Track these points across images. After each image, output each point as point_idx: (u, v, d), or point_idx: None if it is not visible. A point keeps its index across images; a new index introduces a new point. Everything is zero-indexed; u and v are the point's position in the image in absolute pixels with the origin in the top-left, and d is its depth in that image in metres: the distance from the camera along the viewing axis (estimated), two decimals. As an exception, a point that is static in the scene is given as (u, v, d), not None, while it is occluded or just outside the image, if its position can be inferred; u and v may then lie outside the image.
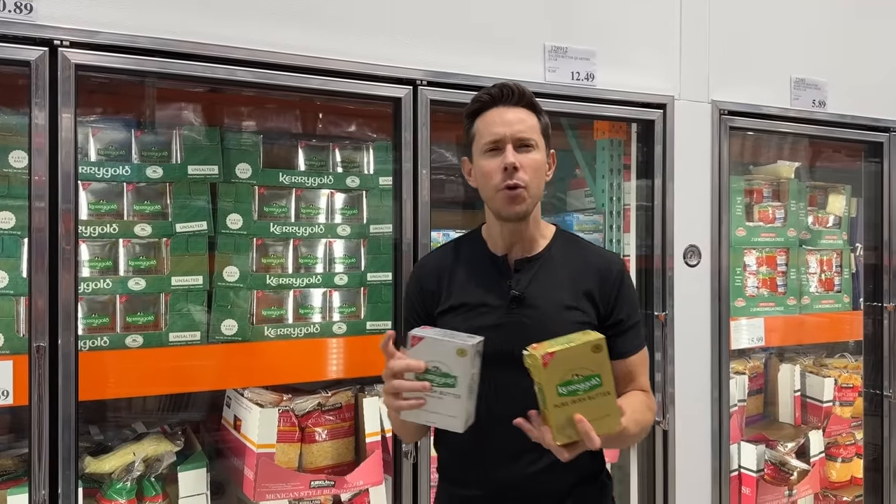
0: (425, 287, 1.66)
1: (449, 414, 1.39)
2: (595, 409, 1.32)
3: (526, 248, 1.61)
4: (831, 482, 3.17)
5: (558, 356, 1.31)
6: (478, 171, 1.58)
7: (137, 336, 1.99)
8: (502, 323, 1.54)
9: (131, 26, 1.81)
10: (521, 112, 1.55)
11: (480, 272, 1.61)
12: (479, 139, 1.57)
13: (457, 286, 1.61)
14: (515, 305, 1.55)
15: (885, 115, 3.01)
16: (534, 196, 1.55)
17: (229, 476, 2.28)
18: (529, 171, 1.53)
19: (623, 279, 1.62)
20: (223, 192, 2.12)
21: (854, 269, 3.23)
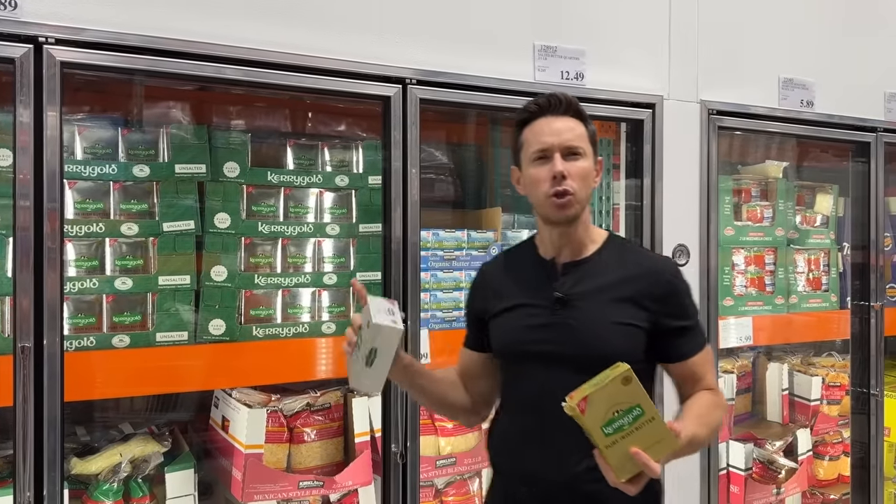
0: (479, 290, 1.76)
1: (352, 368, 1.55)
2: (646, 437, 1.32)
3: (574, 252, 1.64)
4: (819, 480, 3.19)
5: (592, 399, 1.32)
6: (527, 179, 1.62)
7: (124, 336, 1.98)
8: (549, 324, 1.58)
9: (117, 23, 1.79)
10: (568, 121, 1.59)
11: (530, 275, 1.67)
12: (527, 148, 1.61)
13: (507, 290, 1.68)
14: (560, 307, 1.58)
15: (871, 115, 3.03)
16: (581, 202, 1.59)
17: (217, 477, 2.27)
18: (577, 179, 1.56)
19: (674, 284, 1.61)
20: (211, 190, 2.11)
21: (841, 268, 3.24)
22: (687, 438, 1.38)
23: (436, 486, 2.36)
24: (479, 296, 1.75)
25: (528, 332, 1.60)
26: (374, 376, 1.50)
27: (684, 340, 1.61)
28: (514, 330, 1.63)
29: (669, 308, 1.59)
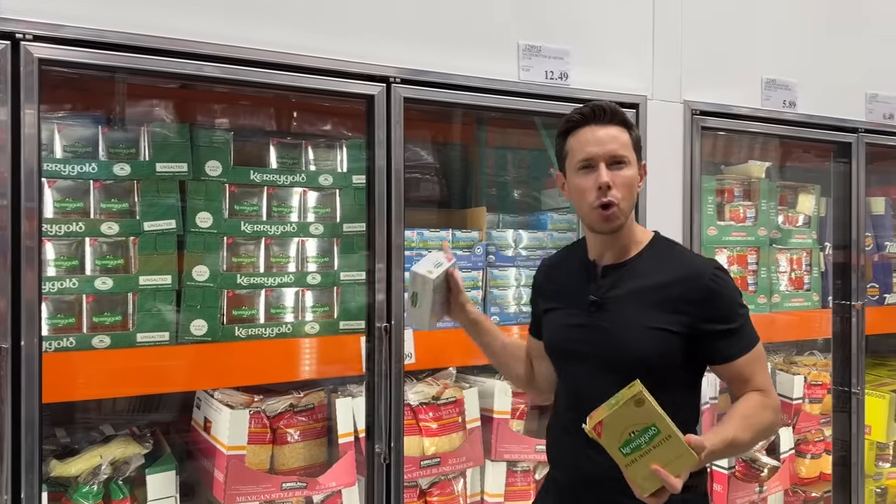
0: (538, 283, 1.88)
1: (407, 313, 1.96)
2: (664, 454, 1.36)
3: (616, 256, 1.68)
4: (801, 478, 3.21)
5: (607, 423, 1.37)
6: (572, 188, 1.65)
7: (104, 336, 1.96)
8: (585, 325, 1.65)
9: (97, 20, 1.77)
10: (612, 129, 1.61)
11: (575, 276, 1.73)
12: (572, 157, 1.64)
13: (555, 288, 1.78)
14: (595, 309, 1.64)
15: (853, 116, 3.05)
16: (626, 211, 1.62)
17: (200, 478, 2.25)
18: (622, 188, 1.60)
19: (712, 288, 1.60)
20: (193, 189, 2.09)
21: (823, 267, 3.27)
22: (710, 450, 1.42)
23: (420, 486, 2.35)
24: (536, 290, 1.88)
25: (567, 332, 1.69)
26: (416, 315, 1.83)
27: (727, 343, 1.61)
28: (557, 329, 1.73)
29: (709, 312, 1.59)
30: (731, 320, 1.61)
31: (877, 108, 3.12)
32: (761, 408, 1.59)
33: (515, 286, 2.57)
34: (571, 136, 1.64)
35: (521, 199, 3.10)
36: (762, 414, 1.58)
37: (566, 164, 1.67)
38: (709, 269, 1.63)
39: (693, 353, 1.61)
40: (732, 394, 1.67)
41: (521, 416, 2.55)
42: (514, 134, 3.10)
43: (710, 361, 1.65)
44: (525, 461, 2.51)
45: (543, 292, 1.83)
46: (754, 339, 1.64)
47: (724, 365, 1.63)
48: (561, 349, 1.72)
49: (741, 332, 1.62)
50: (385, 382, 2.10)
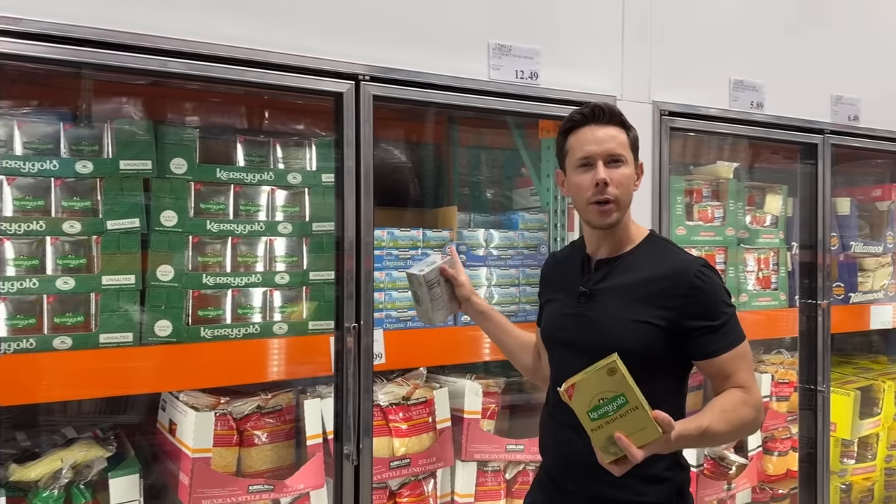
0: (544, 273, 1.98)
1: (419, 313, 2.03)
2: (630, 424, 1.41)
3: (610, 251, 1.76)
4: (768, 476, 3.25)
5: (578, 386, 1.43)
6: (571, 185, 1.73)
7: (66, 337, 1.91)
8: (575, 315, 1.72)
9: (57, 14, 1.73)
10: (611, 129, 1.68)
11: (573, 268, 1.82)
12: (572, 155, 1.72)
13: (555, 280, 1.89)
14: (584, 300, 1.72)
15: (819, 118, 3.09)
16: (622, 208, 1.70)
17: (166, 481, 2.21)
18: (619, 186, 1.67)
19: (698, 282, 1.64)
20: (157, 187, 2.05)
21: (790, 267, 3.31)
22: (681, 433, 1.45)
23: (390, 487, 2.34)
24: (542, 282, 1.98)
25: (559, 320, 1.78)
26: (422, 312, 1.98)
27: (709, 340, 1.64)
28: (552, 317, 1.83)
29: (692, 308, 1.63)
30: (715, 317, 1.64)
31: (842, 109, 3.16)
32: (741, 403, 1.61)
33: (486, 286, 2.57)
34: (572, 135, 1.71)
35: (493, 199, 3.10)
36: (741, 409, 1.60)
37: (566, 162, 1.74)
38: (695, 266, 1.67)
39: (677, 347, 1.65)
40: (714, 389, 1.69)
41: (492, 416, 2.55)
42: (487, 133, 3.10)
43: (693, 357, 1.68)
44: (495, 461, 2.51)
45: (547, 284, 1.93)
46: (739, 337, 1.67)
47: (706, 361, 1.66)
48: (551, 336, 1.81)
49: (725, 329, 1.65)
50: (354, 383, 2.08)
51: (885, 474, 3.65)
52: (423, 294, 1.93)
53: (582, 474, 1.70)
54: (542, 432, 1.86)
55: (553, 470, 1.79)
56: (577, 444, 1.68)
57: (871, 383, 3.59)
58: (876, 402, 3.58)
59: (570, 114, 1.74)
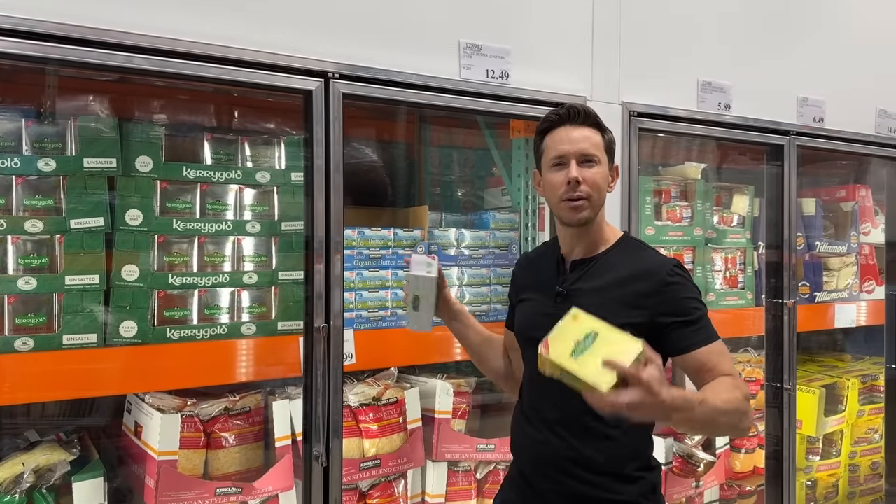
0: (516, 274, 2.00)
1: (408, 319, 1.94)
2: (610, 350, 1.40)
3: (585, 251, 1.79)
4: (735, 473, 3.29)
5: (551, 340, 1.47)
6: (546, 183, 1.77)
7: (28, 339, 1.87)
8: (551, 315, 1.66)
9: (19, 8, 1.69)
10: (586, 130, 1.73)
11: (547, 269, 1.84)
12: (547, 154, 1.76)
13: (528, 280, 1.89)
14: (561, 300, 1.73)
15: (785, 119, 3.13)
16: (595, 206, 1.73)
17: (132, 485, 2.18)
18: (591, 185, 1.71)
19: (668, 282, 1.67)
20: (122, 186, 2.02)
21: (757, 266, 3.35)
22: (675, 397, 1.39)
23: (360, 488, 2.32)
24: (513, 282, 2.00)
25: (535, 320, 1.77)
26: (420, 319, 1.90)
27: (682, 334, 1.66)
28: (527, 317, 1.84)
29: (665, 306, 1.66)
30: (687, 313, 1.67)
31: (807, 111, 3.21)
32: (733, 387, 1.59)
33: (458, 285, 2.57)
34: (548, 135, 1.76)
35: (465, 199, 3.10)
36: (734, 392, 1.58)
37: (542, 162, 1.78)
38: (668, 265, 1.72)
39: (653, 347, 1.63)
40: (696, 385, 1.68)
41: (463, 416, 2.55)
42: (458, 133, 3.10)
43: (670, 353, 1.68)
44: (466, 461, 2.51)
45: (519, 284, 1.94)
46: (714, 335, 1.69)
47: (685, 355, 1.66)
48: (527, 336, 1.80)
49: (697, 326, 1.67)
50: (324, 384, 2.06)
51: (849, 470, 3.72)
52: (429, 298, 1.88)
53: (557, 472, 1.72)
54: (516, 431, 1.87)
55: (527, 469, 1.80)
56: (552, 443, 1.72)
57: (836, 381, 3.66)
58: (840, 400, 3.65)
59: (547, 114, 1.78)
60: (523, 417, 1.83)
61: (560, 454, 1.71)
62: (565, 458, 1.71)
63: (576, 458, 1.70)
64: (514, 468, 1.88)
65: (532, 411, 1.79)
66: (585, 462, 1.70)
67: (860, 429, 3.73)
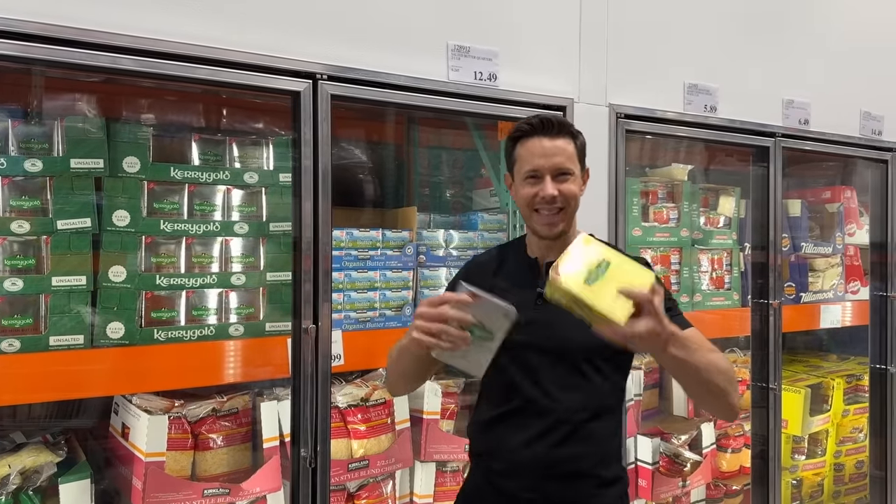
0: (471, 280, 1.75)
1: (477, 362, 1.58)
2: (623, 278, 1.40)
3: (559, 253, 1.70)
4: (722, 472, 3.32)
5: (562, 263, 1.43)
6: (518, 193, 1.74)
7: (14, 340, 1.87)
8: (531, 318, 1.66)
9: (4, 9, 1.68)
10: (559, 141, 1.70)
11: (518, 273, 1.79)
12: (520, 165, 1.73)
13: (498, 286, 1.74)
14: (542, 303, 1.66)
15: (771, 121, 3.16)
16: (570, 217, 1.73)
17: (119, 487, 2.17)
18: (567, 197, 1.70)
19: None
20: (109, 186, 2.01)
21: (743, 267, 3.38)
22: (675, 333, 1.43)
23: (348, 489, 2.32)
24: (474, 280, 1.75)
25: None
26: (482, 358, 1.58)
27: None
28: None
29: None
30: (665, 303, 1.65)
31: (793, 113, 3.24)
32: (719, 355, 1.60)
33: (446, 286, 2.57)
34: (520, 144, 1.73)
35: (453, 199, 3.11)
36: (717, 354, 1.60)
37: (514, 170, 1.76)
38: (642, 261, 1.74)
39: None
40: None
41: (451, 416, 2.56)
42: (447, 134, 3.11)
43: None
44: (455, 461, 2.52)
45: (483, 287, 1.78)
46: (690, 324, 1.69)
47: None
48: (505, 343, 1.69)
49: (675, 311, 1.70)
50: (312, 385, 2.06)
51: (834, 469, 3.76)
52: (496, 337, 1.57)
53: (540, 479, 1.69)
54: (487, 437, 1.77)
55: (503, 477, 1.73)
56: (535, 448, 1.68)
57: (821, 381, 3.69)
58: (826, 400, 3.68)
59: (520, 122, 1.76)
60: (499, 422, 1.75)
61: (544, 458, 1.68)
62: (550, 461, 1.68)
63: (561, 461, 1.67)
64: (478, 476, 1.80)
65: (511, 415, 1.73)
66: (571, 465, 1.68)
67: (845, 428, 3.77)
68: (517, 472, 1.71)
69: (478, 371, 1.61)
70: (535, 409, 1.69)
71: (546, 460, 1.68)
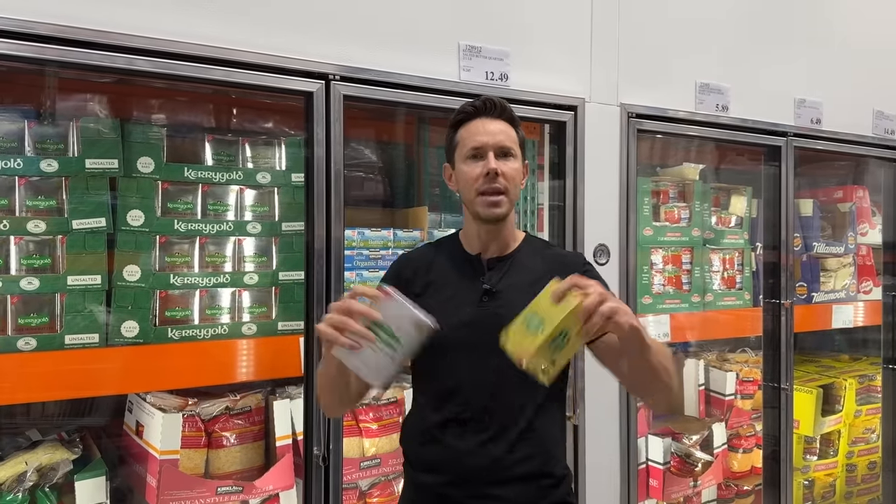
0: (403, 276, 1.74)
1: (377, 367, 1.46)
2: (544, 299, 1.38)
3: (500, 249, 1.73)
4: (733, 472, 3.31)
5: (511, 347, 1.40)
6: (460, 176, 1.69)
7: (30, 339, 1.88)
8: (476, 315, 1.64)
9: (21, 10, 1.70)
10: (501, 124, 1.68)
11: (457, 270, 1.72)
12: (462, 146, 1.69)
13: (434, 283, 1.71)
14: (487, 299, 1.65)
15: (783, 121, 3.15)
16: (511, 201, 1.68)
17: (132, 484, 2.19)
18: (509, 179, 1.65)
19: (586, 270, 1.68)
20: (124, 186, 2.03)
21: (754, 267, 3.37)
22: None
23: (360, 487, 2.34)
24: (406, 277, 1.73)
25: (455, 324, 1.62)
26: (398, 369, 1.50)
27: None
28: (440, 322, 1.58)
29: None
30: None
31: (805, 112, 3.23)
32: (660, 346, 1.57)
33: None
34: (462, 127, 1.69)
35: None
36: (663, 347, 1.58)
37: (455, 155, 1.71)
38: (580, 258, 1.81)
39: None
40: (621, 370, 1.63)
41: (462, 416, 2.56)
42: (457, 134, 3.10)
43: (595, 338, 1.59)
44: (465, 460, 2.52)
45: (410, 288, 1.68)
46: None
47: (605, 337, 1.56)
48: (445, 344, 1.61)
49: None
50: (324, 383, 2.07)
51: (846, 470, 3.74)
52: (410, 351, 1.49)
53: (488, 485, 1.61)
54: (428, 447, 1.67)
55: (451, 487, 1.63)
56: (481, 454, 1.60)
57: (833, 381, 3.67)
58: (838, 400, 3.66)
59: (462, 106, 1.71)
60: (441, 430, 1.64)
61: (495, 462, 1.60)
62: (496, 468, 1.60)
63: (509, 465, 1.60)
64: (415, 489, 1.71)
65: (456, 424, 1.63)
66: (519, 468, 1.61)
67: (857, 429, 3.75)
68: (464, 480, 1.62)
69: (376, 379, 1.49)
70: (477, 413, 1.61)
71: (493, 465, 1.60)
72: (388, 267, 1.83)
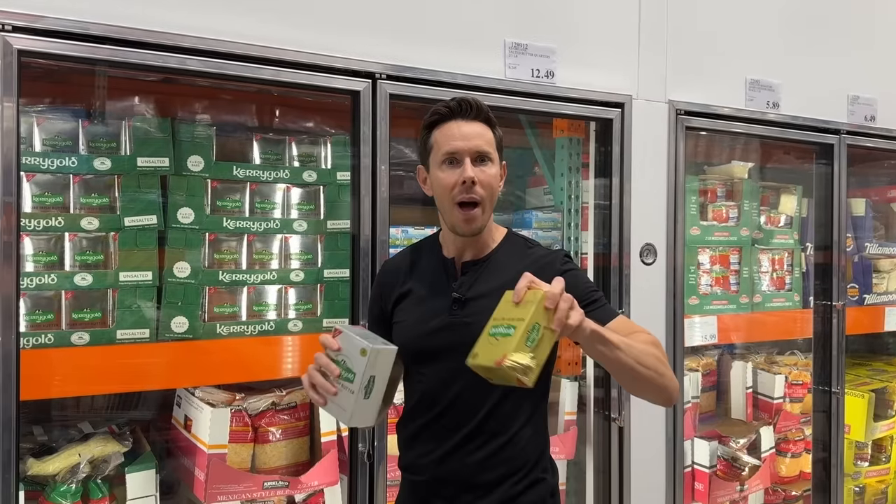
0: (384, 287, 1.76)
1: (341, 406, 1.46)
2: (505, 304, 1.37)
3: (476, 252, 1.67)
4: (781, 477, 3.24)
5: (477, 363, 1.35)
6: (435, 182, 1.62)
7: (84, 333, 1.93)
8: (449, 323, 1.60)
9: (78, 11, 1.74)
10: (478, 126, 1.60)
11: (432, 275, 1.68)
12: (437, 150, 1.61)
13: (412, 292, 1.69)
14: (457, 307, 1.61)
15: (835, 118, 3.08)
16: (487, 212, 1.61)
17: (180, 477, 2.23)
18: (485, 186, 1.58)
19: (565, 269, 1.61)
20: (174, 185, 2.06)
21: (804, 268, 3.29)
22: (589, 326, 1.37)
23: (403, 485, 2.34)
24: (381, 295, 1.75)
25: (429, 332, 1.61)
26: (372, 406, 1.48)
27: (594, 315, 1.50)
28: (413, 331, 1.64)
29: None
30: (590, 295, 1.58)
31: (858, 110, 3.14)
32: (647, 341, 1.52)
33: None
34: (436, 129, 1.61)
35: (505, 198, 3.10)
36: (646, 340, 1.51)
37: (430, 159, 1.63)
38: (559, 256, 1.67)
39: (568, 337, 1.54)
40: None
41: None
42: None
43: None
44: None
45: (394, 295, 1.71)
46: (616, 313, 1.60)
47: None
48: (419, 350, 1.63)
49: (602, 303, 1.60)
50: (368, 380, 2.08)
51: (898, 477, 3.64)
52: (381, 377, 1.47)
53: (460, 490, 1.60)
54: (409, 451, 1.69)
55: (430, 490, 1.63)
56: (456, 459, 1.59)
57: (886, 385, 3.57)
58: (890, 405, 3.57)
59: (435, 107, 1.63)
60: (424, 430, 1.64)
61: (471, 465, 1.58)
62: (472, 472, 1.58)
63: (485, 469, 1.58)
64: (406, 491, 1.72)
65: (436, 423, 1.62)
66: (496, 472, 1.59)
67: (911, 435, 3.64)
68: (440, 483, 1.61)
69: (347, 420, 1.47)
70: (453, 418, 1.59)
71: (468, 470, 1.58)
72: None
